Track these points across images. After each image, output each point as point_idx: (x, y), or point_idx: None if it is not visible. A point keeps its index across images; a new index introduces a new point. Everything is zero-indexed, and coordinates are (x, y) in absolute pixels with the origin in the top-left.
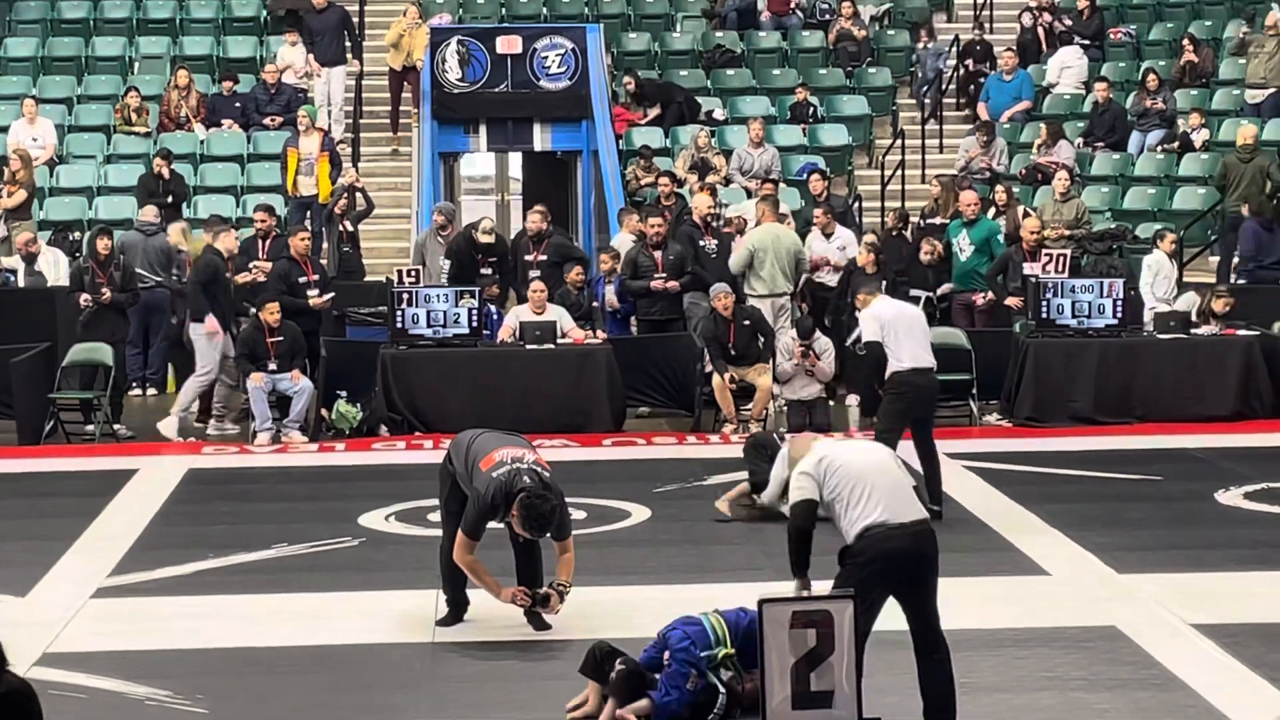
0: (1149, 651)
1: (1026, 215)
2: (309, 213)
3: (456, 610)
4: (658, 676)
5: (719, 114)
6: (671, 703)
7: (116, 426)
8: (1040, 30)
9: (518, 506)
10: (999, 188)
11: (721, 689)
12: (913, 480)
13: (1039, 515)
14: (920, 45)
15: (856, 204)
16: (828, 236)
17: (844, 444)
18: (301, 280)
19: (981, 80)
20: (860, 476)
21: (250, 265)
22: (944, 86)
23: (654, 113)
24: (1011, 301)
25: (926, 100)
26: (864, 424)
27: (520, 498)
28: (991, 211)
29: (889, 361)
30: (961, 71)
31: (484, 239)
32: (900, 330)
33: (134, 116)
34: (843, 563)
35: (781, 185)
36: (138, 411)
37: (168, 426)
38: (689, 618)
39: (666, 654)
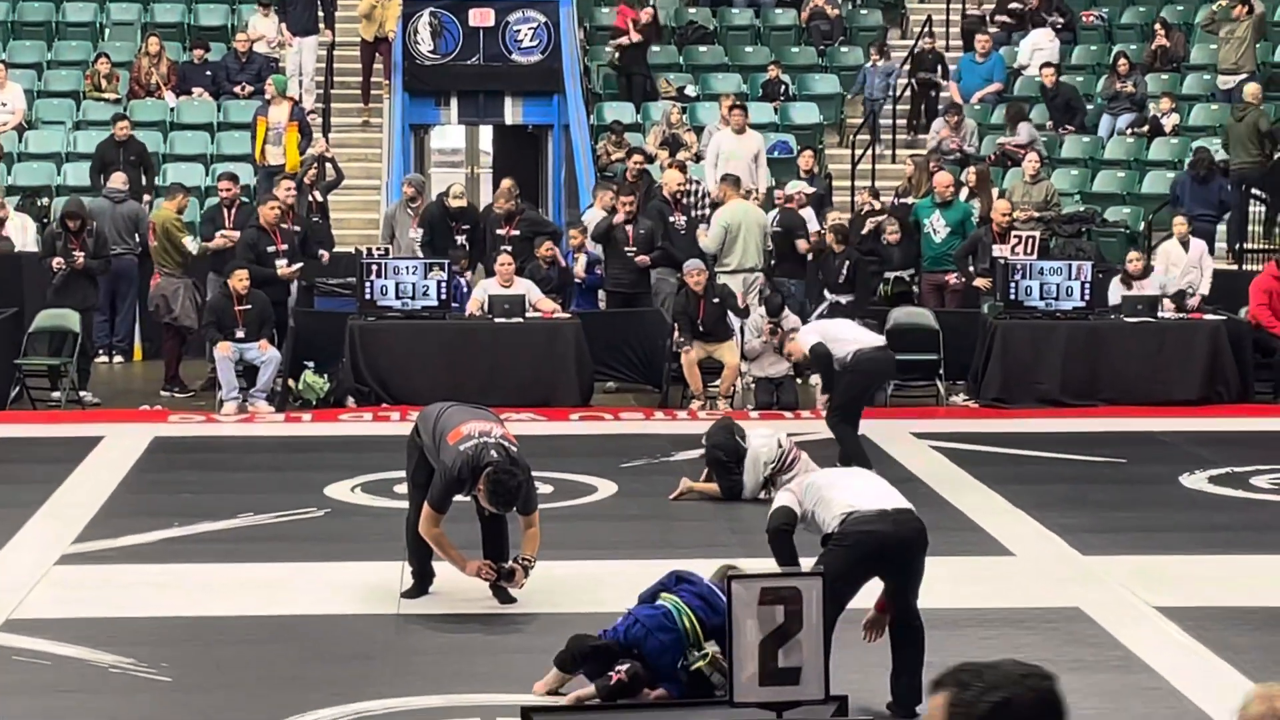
0: (1112, 633)
1: (1001, 197)
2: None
3: (421, 582)
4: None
5: (690, 90)
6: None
7: (83, 393)
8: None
9: (484, 481)
10: (971, 169)
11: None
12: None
13: (1004, 496)
14: (869, 64)
15: (828, 182)
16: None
17: (822, 470)
18: (270, 249)
19: (933, 94)
20: (833, 480)
21: (216, 234)
22: (894, 106)
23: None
24: (980, 283)
25: (875, 121)
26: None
27: (487, 472)
28: (964, 193)
29: (844, 352)
30: (914, 88)
31: (455, 203)
32: (843, 328)
33: (104, 83)
34: (825, 545)
35: None
36: (104, 379)
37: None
38: (662, 621)
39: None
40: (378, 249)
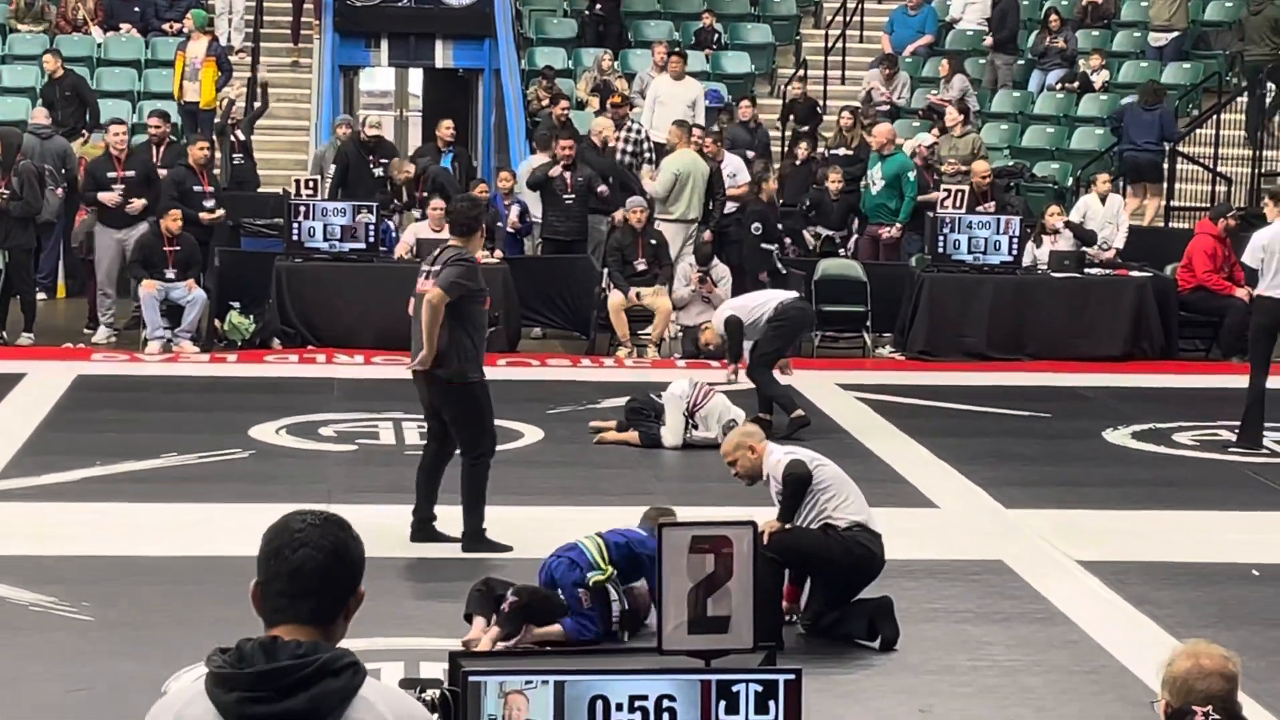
0: (1034, 586)
1: (983, 157)
2: (197, 121)
3: (423, 526)
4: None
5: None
6: (586, 628)
7: (24, 334)
8: None
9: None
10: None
11: (616, 600)
12: None
13: (929, 448)
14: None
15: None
16: (718, 164)
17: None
18: (196, 189)
19: (817, 150)
20: (844, 480)
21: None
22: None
23: None
24: None
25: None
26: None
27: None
28: (909, 148)
29: (766, 312)
30: (789, 134)
31: (371, 132)
32: (760, 299)
33: (30, 16)
34: (819, 527)
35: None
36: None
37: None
38: (568, 544)
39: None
40: (306, 182)
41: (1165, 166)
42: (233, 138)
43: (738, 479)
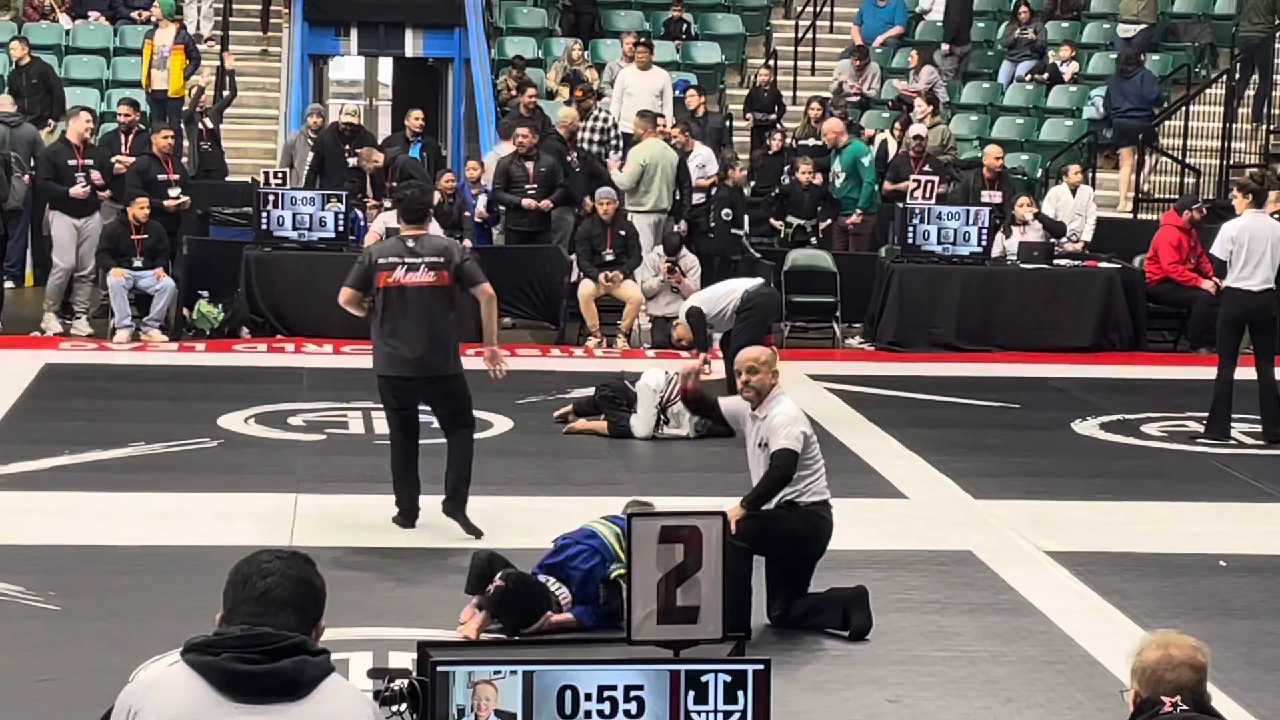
0: (1003, 577)
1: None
2: (165, 109)
3: (408, 517)
4: (546, 581)
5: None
6: (601, 621)
7: None
8: None
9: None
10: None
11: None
12: None
13: (898, 439)
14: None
15: (728, 123)
16: (687, 155)
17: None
18: (161, 178)
19: (767, 133)
20: (820, 457)
21: (113, 160)
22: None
23: None
24: None
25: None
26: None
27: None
28: (881, 138)
29: (733, 302)
30: (750, 120)
31: (347, 119)
32: (726, 289)
33: None
34: (790, 507)
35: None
36: None
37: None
38: (585, 530)
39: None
40: (275, 173)
41: (1143, 133)
42: (201, 126)
43: (744, 389)
